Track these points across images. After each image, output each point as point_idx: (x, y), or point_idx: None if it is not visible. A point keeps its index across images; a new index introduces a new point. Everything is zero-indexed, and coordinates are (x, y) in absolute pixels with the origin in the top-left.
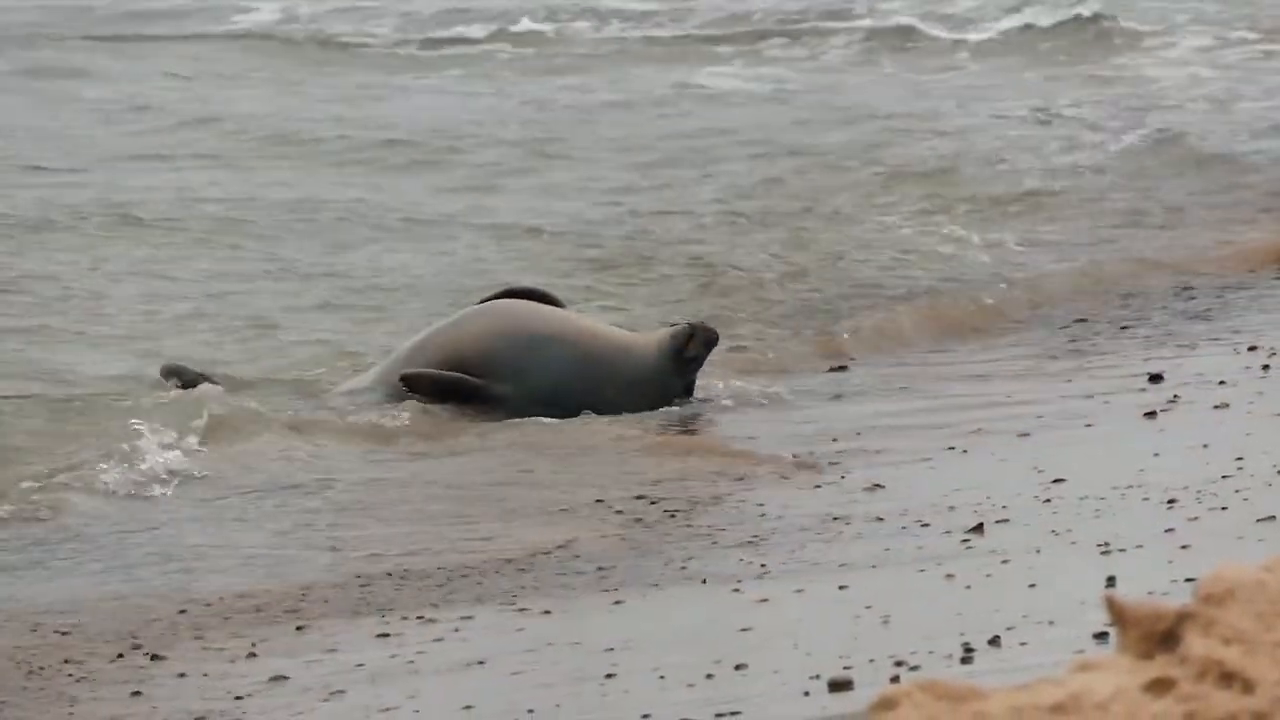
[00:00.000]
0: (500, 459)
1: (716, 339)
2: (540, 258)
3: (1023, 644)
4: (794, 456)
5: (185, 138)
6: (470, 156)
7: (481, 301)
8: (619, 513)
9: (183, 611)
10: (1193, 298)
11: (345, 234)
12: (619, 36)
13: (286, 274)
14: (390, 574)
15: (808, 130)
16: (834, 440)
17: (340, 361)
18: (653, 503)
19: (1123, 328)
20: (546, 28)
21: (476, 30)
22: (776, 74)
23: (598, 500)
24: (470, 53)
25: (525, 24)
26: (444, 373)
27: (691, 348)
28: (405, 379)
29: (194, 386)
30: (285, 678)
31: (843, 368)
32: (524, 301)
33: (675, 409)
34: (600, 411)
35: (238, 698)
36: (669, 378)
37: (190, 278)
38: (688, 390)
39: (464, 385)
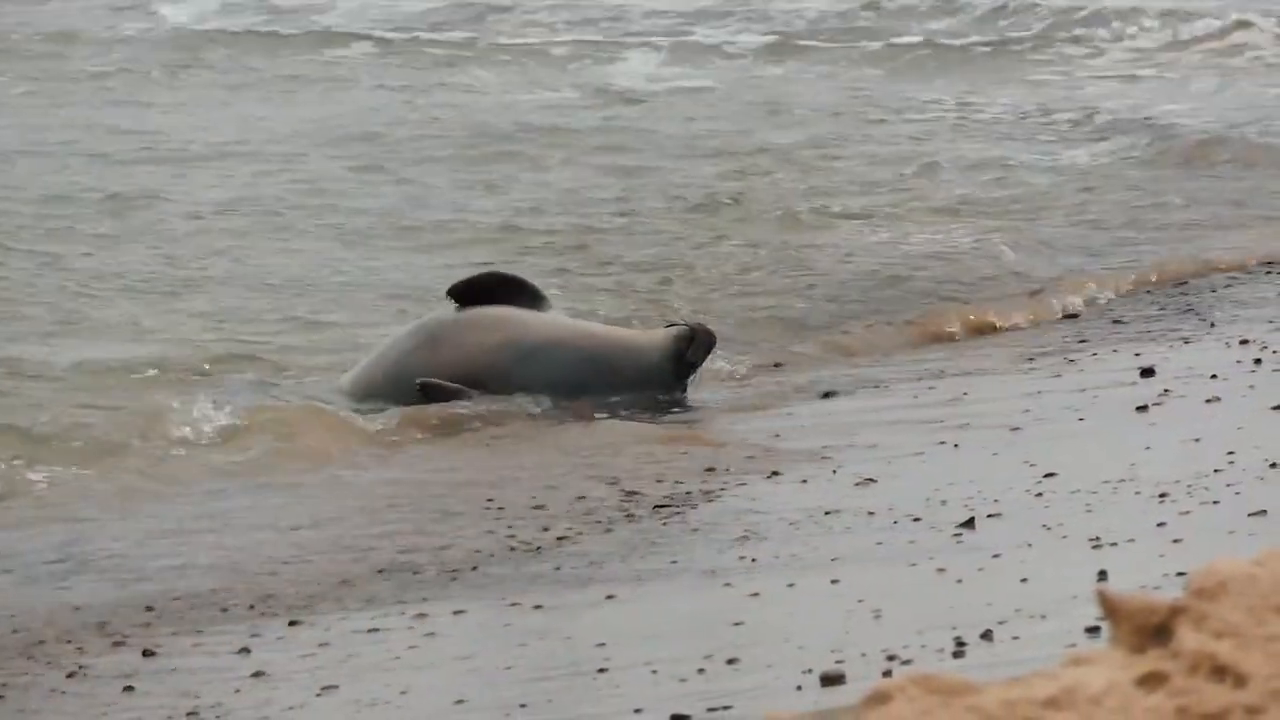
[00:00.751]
0: (492, 456)
1: (715, 342)
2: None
3: (1015, 638)
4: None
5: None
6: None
7: (462, 283)
8: (610, 508)
9: (174, 605)
10: (1185, 293)
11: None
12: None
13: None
14: (382, 570)
15: (756, 129)
16: (825, 435)
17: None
18: (644, 498)
19: (1114, 322)
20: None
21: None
22: (710, 73)
23: (589, 496)
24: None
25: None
26: (461, 388)
27: (692, 351)
28: (425, 388)
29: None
30: (277, 672)
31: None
32: (516, 310)
33: (667, 406)
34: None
35: (230, 692)
36: (668, 379)
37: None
38: (684, 390)
39: (449, 390)
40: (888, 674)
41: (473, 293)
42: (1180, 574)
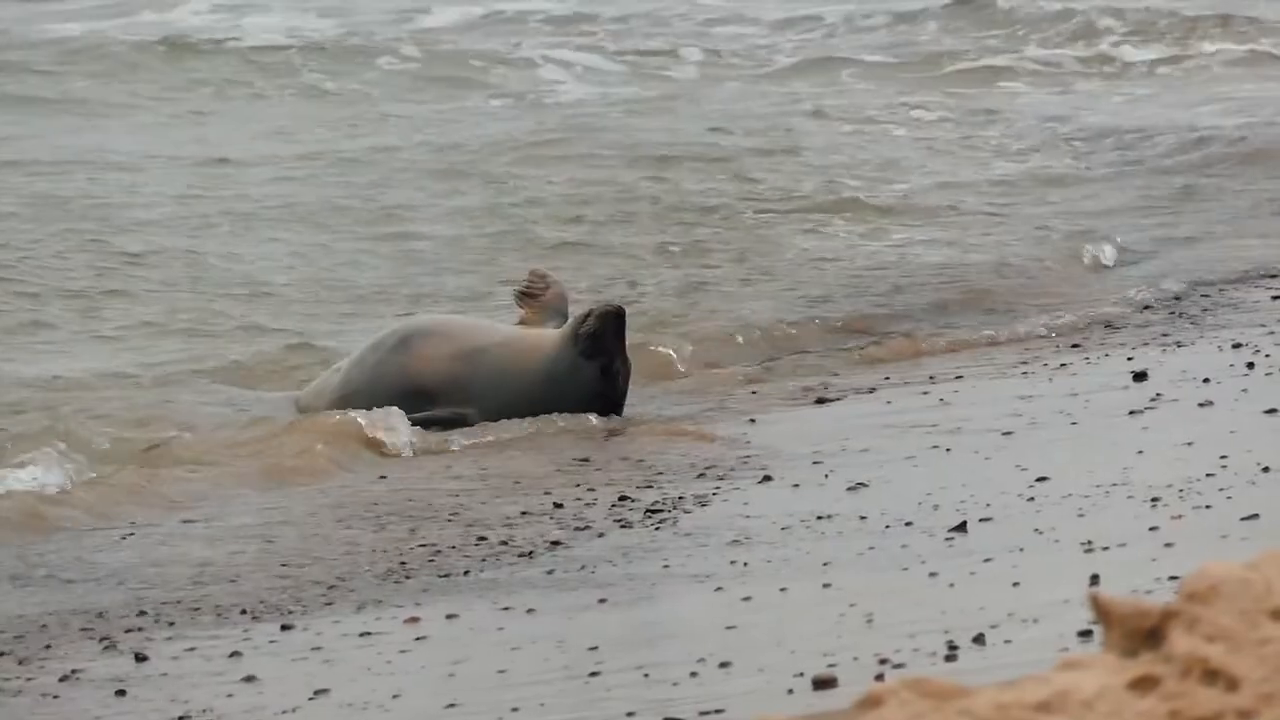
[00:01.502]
0: (483, 464)
1: (617, 311)
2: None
3: (1007, 642)
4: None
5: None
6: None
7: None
8: (602, 513)
9: (166, 609)
10: (1177, 297)
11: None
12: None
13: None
14: (374, 573)
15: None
16: (817, 440)
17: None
18: (636, 502)
19: (1106, 326)
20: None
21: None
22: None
23: (581, 501)
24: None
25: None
26: (425, 415)
27: (588, 323)
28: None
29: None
30: (269, 676)
31: (823, 400)
32: (453, 317)
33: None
34: (535, 414)
35: (222, 696)
36: (578, 362)
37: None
38: (607, 376)
39: (439, 419)
40: (880, 678)
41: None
42: (1173, 578)
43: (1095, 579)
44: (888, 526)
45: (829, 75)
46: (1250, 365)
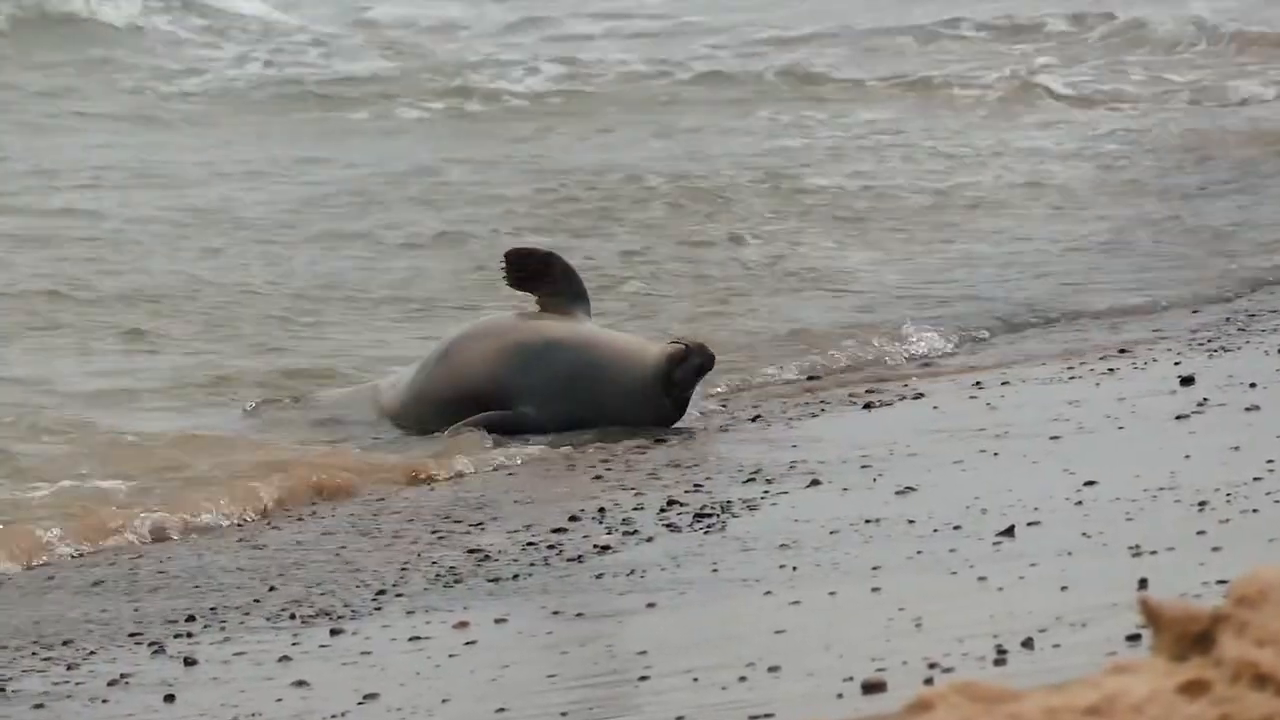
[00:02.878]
0: (529, 472)
1: (710, 364)
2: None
3: (1055, 646)
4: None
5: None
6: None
7: (519, 254)
8: (651, 518)
9: (215, 615)
10: (1227, 299)
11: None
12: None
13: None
14: (424, 578)
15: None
16: (866, 444)
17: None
18: (685, 507)
19: (1154, 330)
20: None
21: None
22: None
23: (628, 505)
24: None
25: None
26: (477, 417)
27: (680, 372)
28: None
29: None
30: (318, 681)
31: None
32: (513, 316)
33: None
34: (602, 423)
35: (271, 701)
36: (654, 398)
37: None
38: (679, 408)
39: (492, 421)
40: (929, 682)
41: (524, 264)
42: (1221, 582)
43: (1143, 583)
44: (936, 530)
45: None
46: None
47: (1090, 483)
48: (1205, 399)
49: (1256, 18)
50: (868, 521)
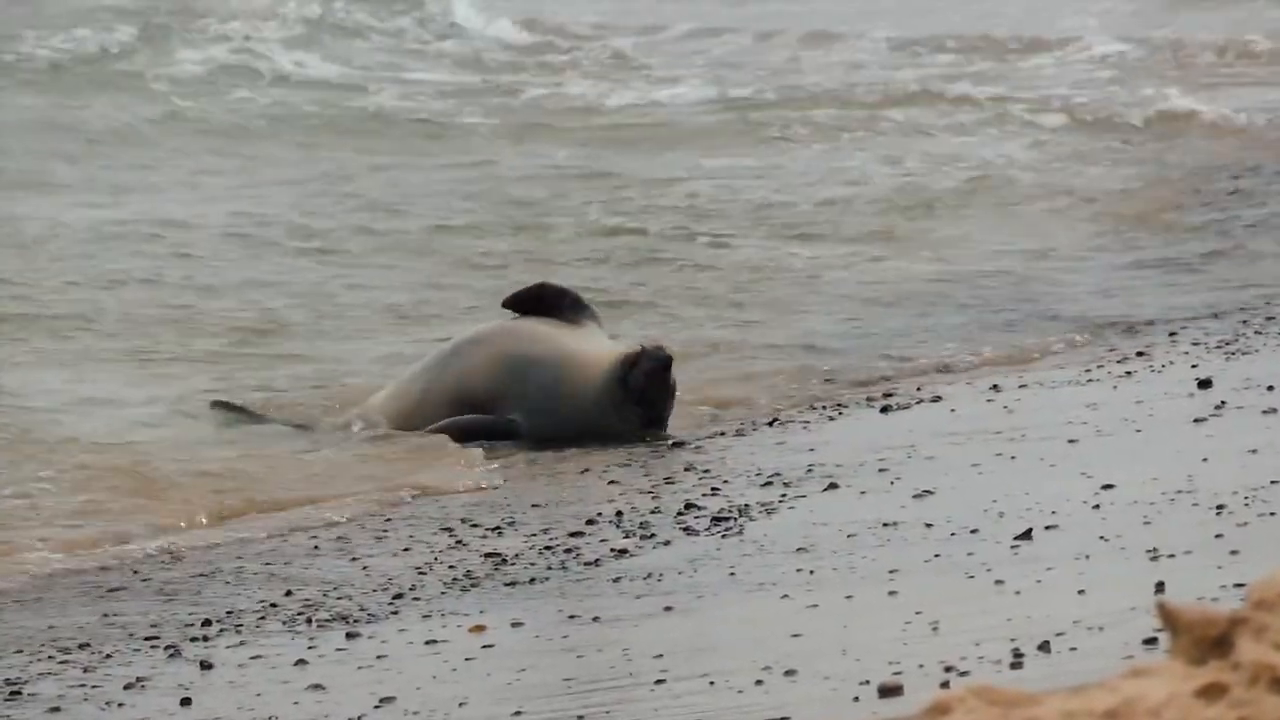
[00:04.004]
0: (545, 475)
1: (665, 364)
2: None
3: (1072, 649)
4: None
5: None
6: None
7: (514, 297)
8: (668, 521)
9: (231, 619)
10: (1241, 305)
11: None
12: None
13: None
14: (440, 581)
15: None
16: (883, 447)
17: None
18: (702, 511)
19: (1170, 334)
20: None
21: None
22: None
23: (645, 509)
24: None
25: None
26: (466, 418)
27: (633, 376)
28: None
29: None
30: (334, 684)
31: (887, 408)
32: (521, 323)
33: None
34: (585, 436)
35: (287, 704)
36: (627, 406)
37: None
38: (650, 414)
39: (482, 425)
40: (945, 685)
41: (523, 305)
42: (1238, 585)
43: (1161, 586)
44: (953, 534)
45: None
46: None
47: (1108, 486)
48: (1223, 402)
49: None
50: (885, 525)
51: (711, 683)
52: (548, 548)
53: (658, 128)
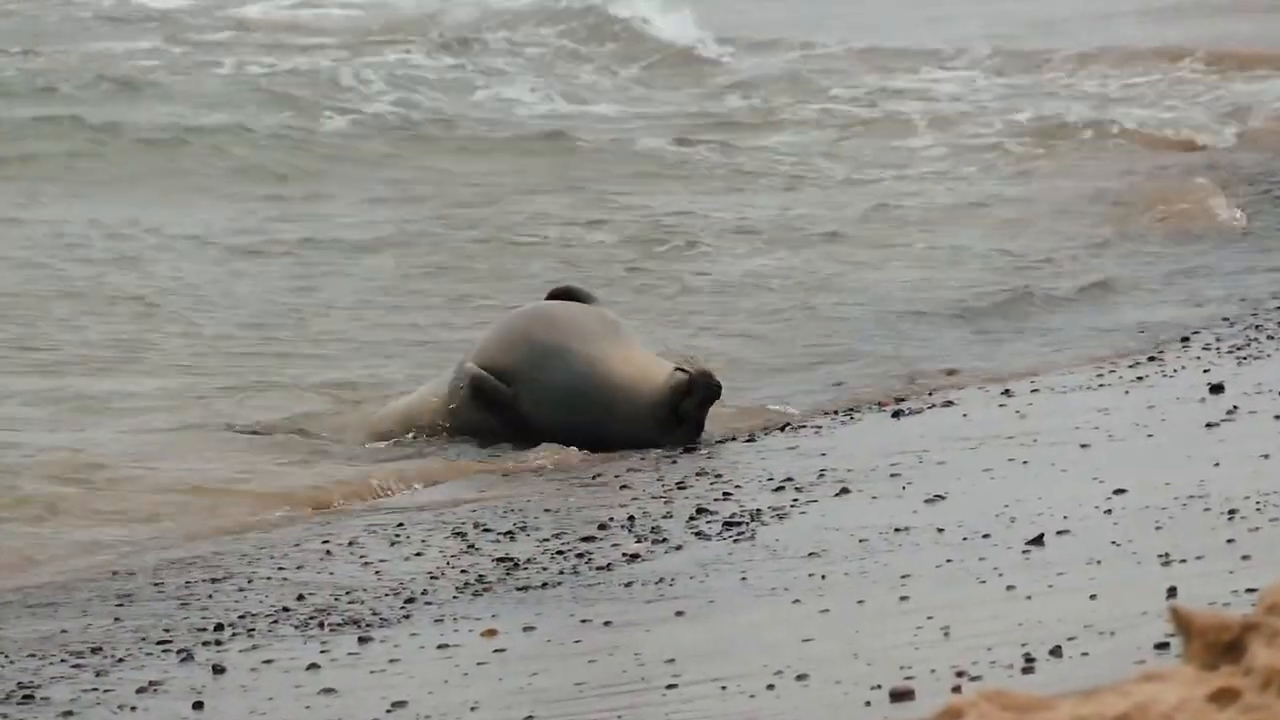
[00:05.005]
0: (558, 479)
1: (716, 395)
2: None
3: (1084, 654)
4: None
5: None
6: None
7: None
8: (680, 526)
9: (244, 622)
10: (1253, 311)
11: None
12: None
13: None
14: (452, 585)
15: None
16: (895, 452)
17: None
18: (714, 515)
19: (1183, 339)
20: None
21: None
22: None
23: (657, 514)
24: None
25: None
26: (478, 372)
27: (685, 405)
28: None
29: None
30: (346, 689)
31: (899, 413)
32: (561, 307)
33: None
34: (607, 443)
35: (300, 709)
36: (659, 428)
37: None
38: (692, 434)
39: (485, 387)
40: (957, 690)
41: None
42: (1250, 590)
43: (1173, 591)
44: (965, 539)
45: None
46: None
47: (1120, 491)
48: (1235, 407)
49: None
50: (897, 530)
51: (723, 687)
52: (560, 552)
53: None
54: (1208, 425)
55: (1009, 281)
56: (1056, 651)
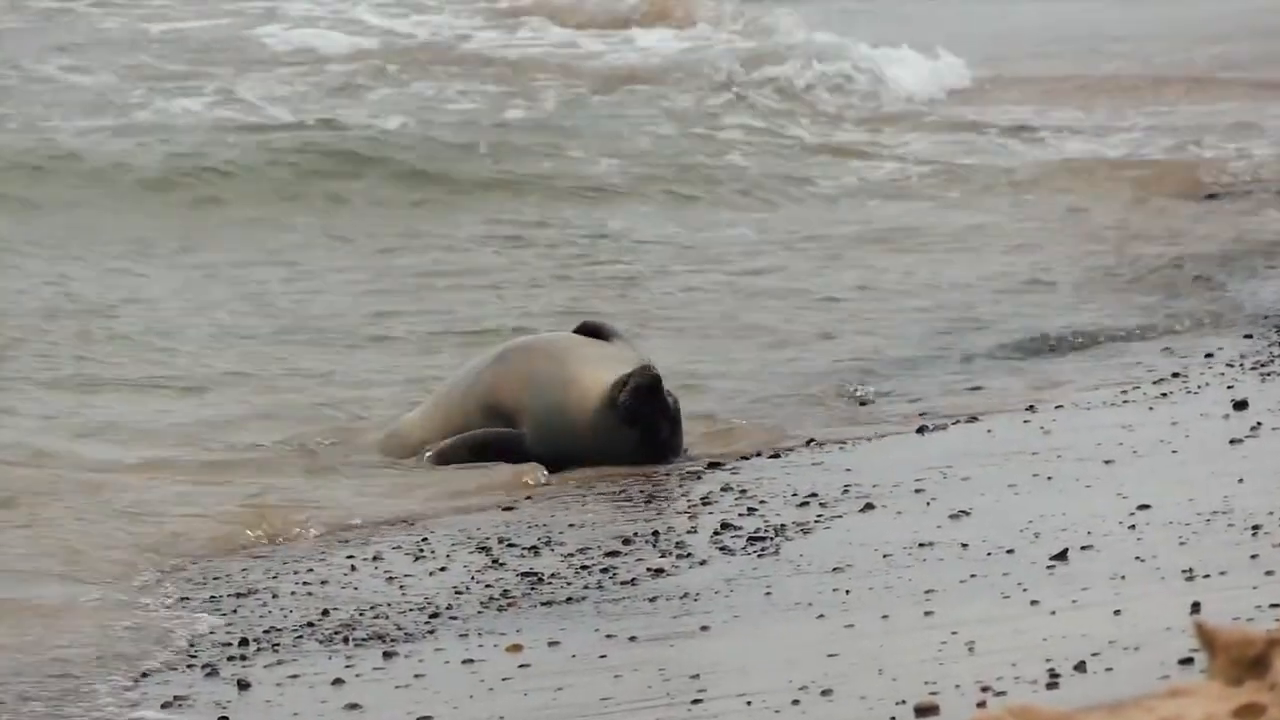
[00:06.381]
0: (582, 496)
1: (650, 383)
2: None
3: (1109, 670)
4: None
5: None
6: None
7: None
8: (705, 541)
9: (268, 637)
10: (1276, 327)
11: None
12: None
13: None
14: (477, 600)
15: None
16: (919, 468)
17: None
18: (738, 531)
19: (1206, 355)
20: None
21: None
22: None
23: (682, 529)
24: None
25: None
26: (472, 434)
27: (624, 397)
28: (432, 459)
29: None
30: (371, 704)
31: (924, 429)
32: (543, 337)
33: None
34: (588, 460)
35: None
36: (621, 428)
37: None
38: (650, 440)
39: (490, 438)
40: (982, 705)
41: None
42: (1274, 606)
43: (1196, 607)
44: (989, 554)
45: None
46: None
47: (1144, 506)
48: (1259, 423)
49: None
50: (921, 545)
51: (748, 703)
52: (584, 567)
53: None
54: (1231, 441)
55: (1030, 300)
56: (1081, 667)
